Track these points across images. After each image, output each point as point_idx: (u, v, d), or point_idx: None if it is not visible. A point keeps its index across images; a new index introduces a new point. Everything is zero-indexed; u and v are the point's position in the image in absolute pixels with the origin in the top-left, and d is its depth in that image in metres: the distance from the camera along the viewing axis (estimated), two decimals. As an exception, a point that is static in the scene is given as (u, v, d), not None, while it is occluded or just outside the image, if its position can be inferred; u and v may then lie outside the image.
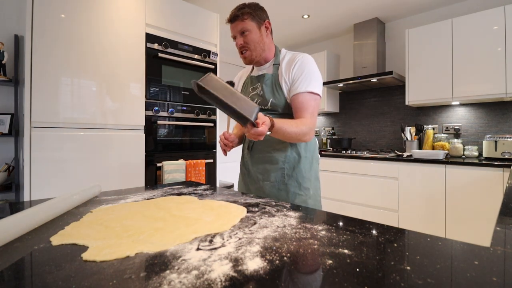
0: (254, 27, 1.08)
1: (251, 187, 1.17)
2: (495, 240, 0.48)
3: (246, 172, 1.20)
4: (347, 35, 3.61)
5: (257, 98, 1.13)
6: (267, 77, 1.11)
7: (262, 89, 1.12)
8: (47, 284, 0.34)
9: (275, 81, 1.09)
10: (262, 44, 1.11)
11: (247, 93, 1.18)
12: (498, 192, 2.01)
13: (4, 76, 1.88)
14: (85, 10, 1.73)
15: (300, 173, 1.09)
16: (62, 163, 1.64)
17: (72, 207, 0.69)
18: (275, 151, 1.10)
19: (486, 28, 2.31)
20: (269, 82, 1.11)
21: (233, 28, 1.10)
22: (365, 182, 2.66)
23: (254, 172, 1.14)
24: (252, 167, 1.16)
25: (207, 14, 2.38)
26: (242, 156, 1.24)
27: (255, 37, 1.09)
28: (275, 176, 1.09)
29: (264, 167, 1.11)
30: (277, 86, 1.08)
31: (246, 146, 1.20)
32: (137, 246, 0.45)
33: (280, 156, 1.09)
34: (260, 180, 1.12)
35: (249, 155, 1.17)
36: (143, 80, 1.97)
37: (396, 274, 0.36)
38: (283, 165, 1.09)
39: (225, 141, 1.07)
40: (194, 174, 2.15)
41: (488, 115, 2.60)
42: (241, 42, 1.09)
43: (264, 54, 1.13)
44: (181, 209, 0.68)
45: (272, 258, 0.41)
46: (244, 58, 1.13)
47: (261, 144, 1.12)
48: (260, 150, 1.13)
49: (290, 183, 1.08)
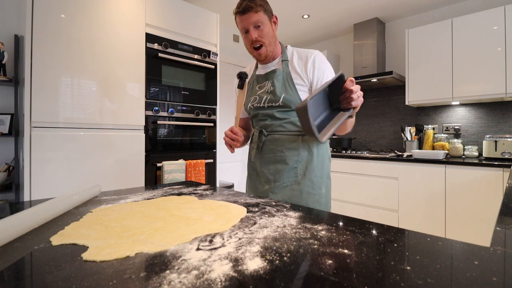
0: (267, 20, 1.03)
1: (261, 189, 1.11)
2: (495, 240, 0.48)
3: (255, 173, 1.15)
4: (347, 35, 3.61)
5: (266, 95, 1.08)
6: (278, 73, 1.06)
7: (272, 85, 1.07)
8: (47, 284, 0.34)
9: (287, 77, 1.05)
10: (274, 39, 1.06)
11: (253, 91, 1.14)
12: (498, 192, 2.01)
13: (4, 76, 1.87)
14: (85, 10, 1.73)
15: (313, 172, 1.04)
16: (62, 163, 1.64)
17: (72, 207, 0.69)
18: (287, 150, 1.05)
19: (486, 28, 2.31)
20: (281, 78, 1.06)
21: (243, 21, 1.01)
22: (365, 182, 2.66)
23: (264, 173, 1.09)
24: (262, 168, 1.11)
25: (207, 14, 2.38)
26: (249, 157, 1.19)
27: (269, 31, 1.03)
28: (288, 176, 1.04)
29: (276, 168, 1.06)
30: (290, 82, 1.04)
31: (254, 146, 1.15)
32: (137, 246, 0.45)
33: (293, 155, 1.04)
34: (272, 181, 1.07)
35: (258, 156, 1.13)
36: (143, 80, 1.97)
37: (396, 274, 0.36)
38: (295, 164, 1.04)
39: (233, 136, 1.01)
40: (194, 174, 2.15)
41: (488, 115, 2.60)
42: (255, 36, 1.01)
43: (275, 50, 1.08)
44: (181, 209, 0.68)
45: (272, 258, 0.41)
46: (259, 54, 1.06)
47: (272, 144, 1.08)
48: (271, 150, 1.08)
49: (303, 183, 1.03)
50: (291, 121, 1.06)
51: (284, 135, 1.06)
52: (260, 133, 1.11)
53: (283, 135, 1.07)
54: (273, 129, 1.08)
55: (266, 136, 1.10)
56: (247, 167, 1.22)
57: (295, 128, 1.06)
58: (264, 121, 1.10)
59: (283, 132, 1.07)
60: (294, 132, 1.06)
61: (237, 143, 1.03)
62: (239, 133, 1.03)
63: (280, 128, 1.07)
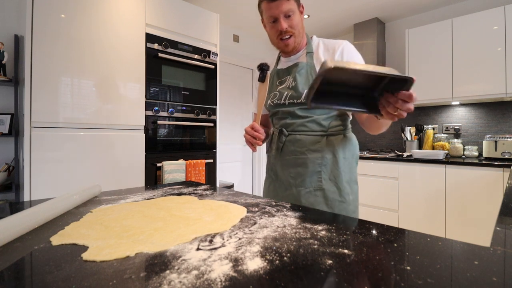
0: (296, 9, 0.95)
1: (281, 194, 1.03)
2: (495, 240, 0.49)
3: (274, 177, 1.07)
4: (347, 35, 3.61)
5: (287, 91, 0.99)
6: (301, 66, 0.97)
7: (294, 80, 0.97)
8: (47, 284, 0.34)
9: (311, 71, 0.96)
10: (302, 30, 0.98)
11: (273, 87, 1.05)
12: (498, 192, 2.01)
13: (4, 76, 1.87)
14: (85, 10, 1.73)
15: (339, 177, 0.95)
16: (62, 163, 1.64)
17: (72, 207, 0.69)
18: (310, 152, 0.96)
19: (486, 28, 2.31)
20: (304, 72, 0.97)
21: (272, 8, 0.93)
22: (365, 182, 2.66)
23: (285, 177, 1.01)
24: (282, 171, 1.02)
25: (207, 14, 2.38)
26: (268, 159, 1.11)
27: (298, 21, 0.95)
28: (311, 180, 0.95)
29: (297, 171, 0.98)
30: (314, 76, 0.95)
31: (274, 147, 1.07)
32: (137, 246, 0.45)
33: (316, 157, 0.95)
34: (293, 186, 0.98)
35: (278, 158, 1.04)
36: (143, 80, 1.97)
37: (396, 274, 0.36)
38: (319, 167, 0.95)
39: (254, 133, 0.92)
40: (194, 174, 2.15)
41: (488, 115, 2.60)
42: (286, 25, 0.93)
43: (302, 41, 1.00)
44: (181, 209, 0.68)
45: (272, 258, 0.41)
46: (286, 45, 0.97)
47: (293, 145, 0.99)
48: (292, 151, 1.00)
49: (328, 189, 0.94)
50: (314, 119, 0.97)
51: (306, 135, 0.98)
52: (280, 133, 1.03)
53: (305, 135, 0.98)
54: (294, 129, 1.00)
55: (286, 136, 1.01)
56: (266, 169, 1.14)
57: (318, 128, 0.97)
58: (284, 119, 1.02)
59: (306, 132, 0.98)
60: (317, 132, 0.97)
61: (259, 141, 0.93)
62: (261, 130, 0.93)
63: (302, 128, 0.98)
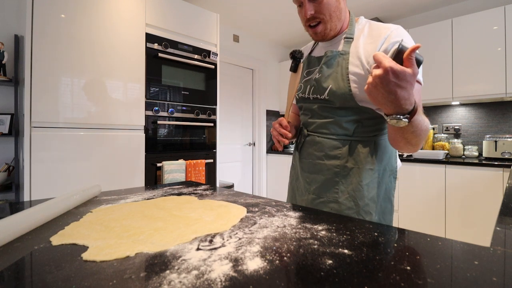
0: None
1: (298, 198, 0.93)
2: (495, 240, 0.48)
3: (295, 177, 0.97)
4: (347, 35, 3.60)
5: (311, 84, 0.87)
6: (330, 56, 0.83)
7: (320, 71, 0.84)
8: (47, 284, 0.34)
9: (343, 62, 0.80)
10: (338, 12, 0.82)
11: (301, 78, 0.92)
12: (498, 192, 2.01)
13: (4, 76, 1.87)
14: (85, 10, 1.73)
15: (360, 191, 0.79)
16: (62, 163, 1.64)
17: (72, 207, 0.69)
18: (328, 158, 0.83)
19: (486, 28, 2.31)
20: (333, 63, 0.82)
21: None
22: (365, 182, 2.66)
23: (302, 180, 0.91)
24: (301, 173, 0.92)
25: (207, 14, 2.38)
26: (293, 157, 1.01)
27: (331, 3, 0.79)
28: (325, 190, 0.83)
29: (313, 177, 0.87)
30: (344, 69, 0.79)
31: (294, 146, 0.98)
32: (137, 246, 0.45)
33: (334, 165, 0.82)
34: (307, 191, 0.88)
35: (298, 158, 0.94)
36: (143, 80, 1.97)
37: (396, 274, 0.36)
38: (336, 177, 0.81)
39: (281, 130, 0.83)
40: (194, 174, 2.15)
41: (488, 115, 2.60)
42: (311, 11, 0.79)
43: (338, 26, 0.84)
44: (181, 209, 0.68)
45: (272, 258, 0.41)
46: (315, 33, 0.84)
47: (311, 147, 0.87)
48: (309, 154, 0.88)
49: (343, 203, 0.80)
50: (336, 121, 0.83)
51: (326, 138, 0.84)
52: (301, 131, 0.94)
53: (324, 138, 0.85)
54: (314, 129, 0.88)
55: (306, 137, 0.91)
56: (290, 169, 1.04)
57: (341, 131, 0.82)
58: (306, 116, 0.92)
59: (325, 135, 0.85)
60: (339, 136, 0.83)
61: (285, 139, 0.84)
62: (288, 127, 0.84)
63: (321, 129, 0.86)
